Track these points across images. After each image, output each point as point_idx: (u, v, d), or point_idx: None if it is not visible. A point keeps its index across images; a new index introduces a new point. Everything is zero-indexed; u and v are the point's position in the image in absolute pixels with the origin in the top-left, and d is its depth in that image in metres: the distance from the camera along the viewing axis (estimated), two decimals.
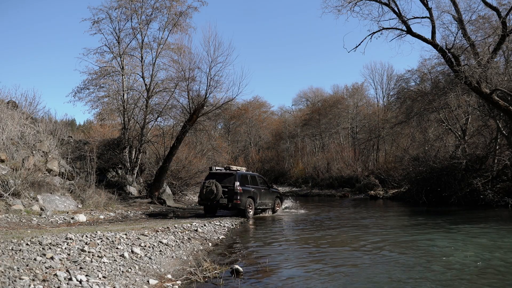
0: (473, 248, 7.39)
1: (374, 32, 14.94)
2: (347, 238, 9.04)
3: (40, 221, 8.97)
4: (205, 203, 12.35)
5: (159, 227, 8.23)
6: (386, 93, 41.19)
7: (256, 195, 12.94)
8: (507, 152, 17.15)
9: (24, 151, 12.25)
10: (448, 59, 14.59)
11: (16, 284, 3.95)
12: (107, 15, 18.25)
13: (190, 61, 17.43)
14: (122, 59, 18.61)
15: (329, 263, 6.43)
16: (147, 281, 5.07)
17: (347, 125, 41.68)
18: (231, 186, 12.01)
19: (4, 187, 9.74)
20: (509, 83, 15.45)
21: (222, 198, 11.96)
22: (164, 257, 6.26)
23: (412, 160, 20.75)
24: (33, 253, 4.98)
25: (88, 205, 12.43)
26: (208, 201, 12.09)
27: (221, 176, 12.52)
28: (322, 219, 13.12)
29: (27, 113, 15.26)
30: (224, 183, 12.16)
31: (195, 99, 16.77)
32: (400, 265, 6.19)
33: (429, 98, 19.85)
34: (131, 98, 19.27)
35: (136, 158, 18.44)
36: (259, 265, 6.29)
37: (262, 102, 50.73)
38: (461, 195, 16.55)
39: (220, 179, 12.30)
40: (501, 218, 12.59)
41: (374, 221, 12.38)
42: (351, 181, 29.66)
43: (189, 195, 21.02)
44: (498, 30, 13.67)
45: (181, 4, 18.65)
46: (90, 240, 6.05)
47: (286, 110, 55.37)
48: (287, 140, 46.21)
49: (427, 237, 8.80)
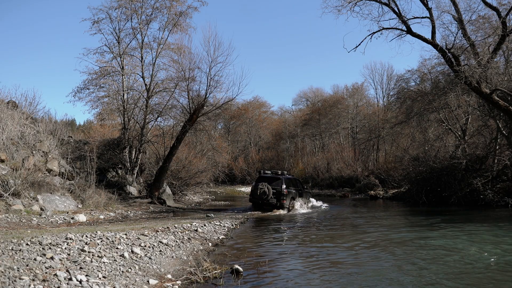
0: (488, 248, 7.40)
1: (374, 32, 14.94)
2: (348, 237, 9.04)
3: (40, 221, 8.97)
4: (257, 202, 14.70)
5: (159, 227, 8.23)
6: (386, 93, 41.21)
7: (295, 195, 15.60)
8: (507, 152, 17.14)
9: (24, 151, 12.25)
10: (448, 59, 14.58)
11: (16, 284, 3.95)
12: (107, 15, 18.27)
13: (190, 61, 17.47)
14: (122, 59, 18.61)
15: (330, 262, 6.43)
16: (147, 281, 5.07)
17: (347, 125, 41.66)
18: (279, 188, 14.47)
19: (4, 187, 9.74)
20: (509, 83, 15.44)
21: (271, 198, 14.36)
22: (164, 257, 6.26)
23: (412, 160, 20.73)
24: (33, 253, 4.98)
25: (88, 205, 12.43)
26: (261, 200, 14.50)
27: (270, 179, 14.99)
28: (323, 218, 13.12)
29: (27, 113, 15.26)
30: (272, 185, 14.59)
31: (195, 99, 16.78)
32: (410, 264, 6.19)
33: (429, 98, 19.84)
34: (131, 98, 19.27)
35: (136, 158, 18.44)
36: (259, 265, 6.29)
37: (262, 102, 50.81)
38: (461, 195, 16.53)
39: (269, 181, 14.74)
40: (500, 218, 12.59)
41: (375, 220, 12.38)
42: (351, 181, 29.64)
43: (189, 195, 21.00)
44: (498, 30, 13.67)
45: (181, 4, 18.68)
46: (90, 240, 6.05)
47: (286, 110, 55.42)
48: (287, 140, 46.18)
49: (434, 235, 8.80)
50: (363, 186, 26.97)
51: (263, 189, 14.44)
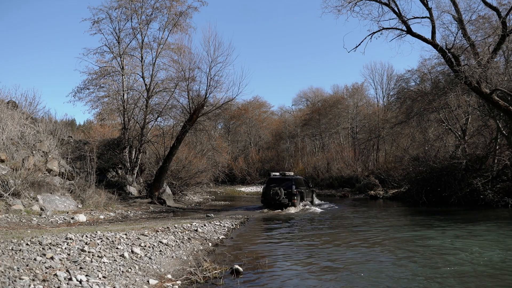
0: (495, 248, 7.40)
1: (374, 32, 14.90)
2: (348, 237, 9.03)
3: (40, 221, 8.97)
4: (270, 202, 15.63)
5: (159, 227, 8.23)
6: (386, 93, 41.21)
7: (303, 194, 16.84)
8: (507, 152, 17.14)
9: (24, 151, 12.25)
10: (448, 59, 14.57)
11: (16, 284, 3.95)
12: (107, 15, 18.28)
13: (190, 61, 17.47)
14: (122, 59, 18.61)
15: (330, 262, 6.43)
16: (147, 281, 5.07)
17: (347, 125, 41.65)
18: (290, 189, 15.59)
19: (4, 187, 9.74)
20: (509, 83, 15.44)
21: (283, 198, 15.41)
22: (164, 257, 6.26)
23: (412, 160, 20.72)
24: (33, 253, 4.98)
25: (88, 205, 12.43)
26: (273, 201, 15.48)
27: (280, 180, 16.14)
28: (323, 219, 13.12)
29: (27, 113, 15.26)
30: (282, 186, 15.68)
31: (195, 99, 16.77)
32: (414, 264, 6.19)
33: (429, 98, 19.82)
34: (131, 98, 19.28)
35: (136, 158, 18.44)
36: (259, 265, 6.29)
37: (262, 102, 50.79)
38: (461, 195, 16.52)
39: (279, 182, 15.91)
40: (500, 218, 12.58)
41: (375, 220, 12.37)
42: (351, 181, 29.63)
43: (189, 195, 21.00)
44: (498, 30, 13.65)
45: (181, 4, 18.69)
46: (90, 240, 6.05)
47: (286, 110, 55.41)
48: (287, 140, 46.18)
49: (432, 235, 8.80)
50: (363, 186, 26.96)
51: (276, 190, 15.40)
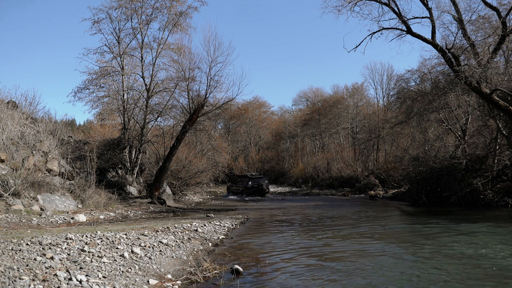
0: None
1: (374, 32, 14.91)
2: (348, 237, 9.03)
3: (40, 221, 8.97)
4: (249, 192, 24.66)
5: (159, 227, 8.23)
6: (386, 93, 41.10)
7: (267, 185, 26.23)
8: (507, 152, 17.12)
9: (24, 151, 12.25)
10: (448, 59, 14.56)
11: (16, 284, 3.95)
12: (107, 15, 18.28)
13: (190, 61, 17.47)
14: (122, 59, 18.61)
15: (330, 262, 6.43)
16: (147, 281, 5.07)
17: (347, 125, 41.61)
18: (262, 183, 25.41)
19: (4, 187, 9.74)
20: (509, 83, 15.43)
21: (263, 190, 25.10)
22: (164, 257, 6.26)
23: (412, 160, 20.70)
24: (33, 253, 4.98)
25: (88, 205, 12.43)
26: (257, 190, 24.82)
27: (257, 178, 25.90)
28: (323, 219, 13.11)
29: (27, 113, 15.26)
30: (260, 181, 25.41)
31: (195, 99, 16.77)
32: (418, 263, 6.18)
33: (429, 98, 19.81)
34: (131, 98, 19.28)
35: (136, 158, 18.44)
36: (259, 265, 6.29)
37: (262, 102, 50.74)
38: (461, 195, 16.50)
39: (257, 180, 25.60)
40: (501, 218, 12.58)
41: (375, 220, 12.37)
42: (351, 181, 29.60)
43: (189, 195, 21.00)
44: (498, 30, 13.65)
45: (181, 4, 18.68)
46: (90, 240, 6.05)
47: (286, 110, 55.34)
48: (287, 140, 46.16)
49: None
50: (363, 186, 26.93)
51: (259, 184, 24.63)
